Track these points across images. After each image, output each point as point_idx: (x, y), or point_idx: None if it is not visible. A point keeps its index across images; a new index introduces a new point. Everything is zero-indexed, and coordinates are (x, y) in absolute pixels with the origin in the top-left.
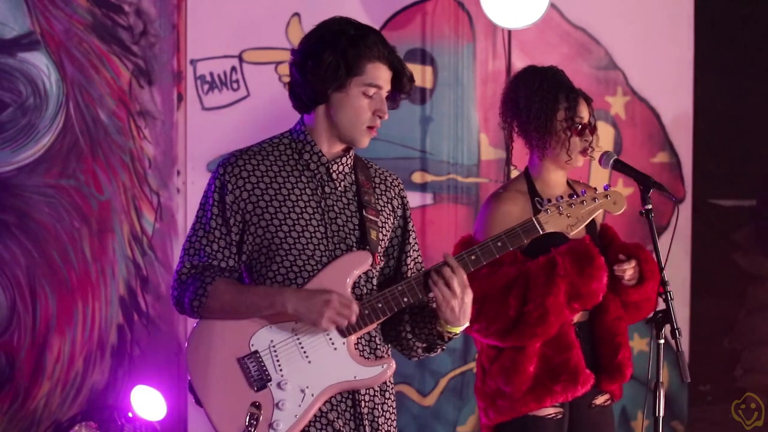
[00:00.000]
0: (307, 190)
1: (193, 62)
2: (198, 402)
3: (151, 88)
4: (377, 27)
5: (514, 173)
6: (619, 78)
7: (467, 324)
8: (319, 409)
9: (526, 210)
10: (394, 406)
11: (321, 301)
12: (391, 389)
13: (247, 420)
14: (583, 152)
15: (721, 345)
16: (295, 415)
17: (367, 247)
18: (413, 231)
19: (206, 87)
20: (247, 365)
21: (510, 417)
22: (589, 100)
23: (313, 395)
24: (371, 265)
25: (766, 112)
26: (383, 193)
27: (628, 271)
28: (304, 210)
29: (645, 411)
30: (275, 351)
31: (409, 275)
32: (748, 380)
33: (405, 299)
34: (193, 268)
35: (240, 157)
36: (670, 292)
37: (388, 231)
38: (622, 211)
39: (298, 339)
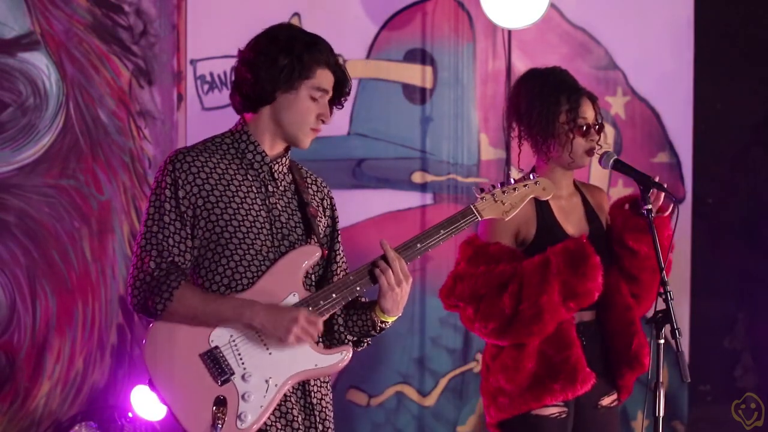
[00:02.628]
0: (252, 188)
1: (193, 62)
2: (161, 400)
3: (151, 88)
4: (377, 27)
5: (514, 173)
6: (619, 78)
7: (400, 315)
8: None
9: (529, 209)
10: (332, 398)
11: (289, 318)
12: (330, 381)
13: (214, 414)
14: (589, 152)
15: (721, 345)
16: (261, 406)
17: (313, 242)
18: (339, 232)
19: (206, 87)
20: (209, 360)
21: (510, 414)
22: (593, 99)
23: (276, 385)
24: (321, 258)
25: (766, 113)
26: (316, 193)
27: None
28: (251, 207)
29: (645, 411)
30: (236, 345)
31: (338, 273)
32: (748, 380)
33: (357, 288)
34: (158, 268)
35: (188, 154)
36: (670, 292)
37: (324, 229)
38: (550, 196)
39: (258, 332)
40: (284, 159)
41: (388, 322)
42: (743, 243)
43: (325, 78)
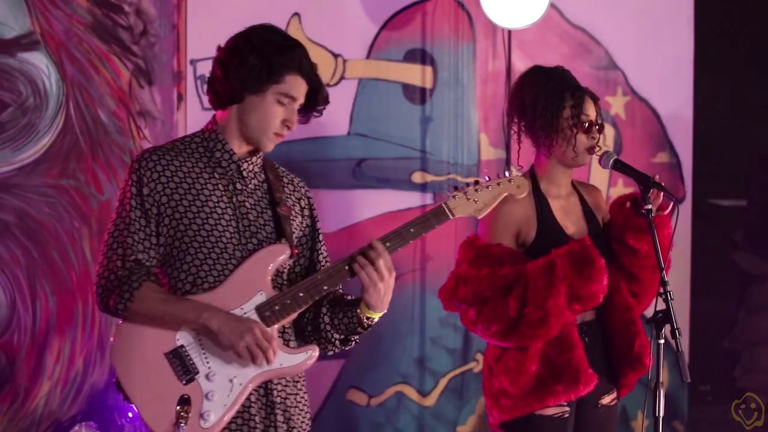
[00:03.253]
0: (219, 186)
1: (193, 62)
2: (126, 399)
3: (151, 88)
4: (377, 27)
5: (515, 173)
6: (619, 78)
7: (386, 310)
8: None
9: (529, 209)
10: (306, 399)
11: (245, 327)
12: (303, 381)
13: (178, 413)
14: (590, 150)
15: (721, 345)
16: (225, 405)
17: (283, 240)
18: (320, 231)
19: (206, 87)
20: (174, 359)
21: (513, 416)
22: (595, 99)
23: (241, 384)
24: (290, 256)
25: (766, 112)
26: (292, 192)
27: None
28: (216, 205)
29: (645, 411)
30: (201, 344)
31: None
32: (748, 380)
33: (324, 287)
34: (122, 267)
35: (154, 153)
36: (670, 292)
37: (297, 228)
38: (524, 194)
39: (213, 334)
40: (255, 158)
41: (373, 318)
42: (743, 243)
43: (294, 84)
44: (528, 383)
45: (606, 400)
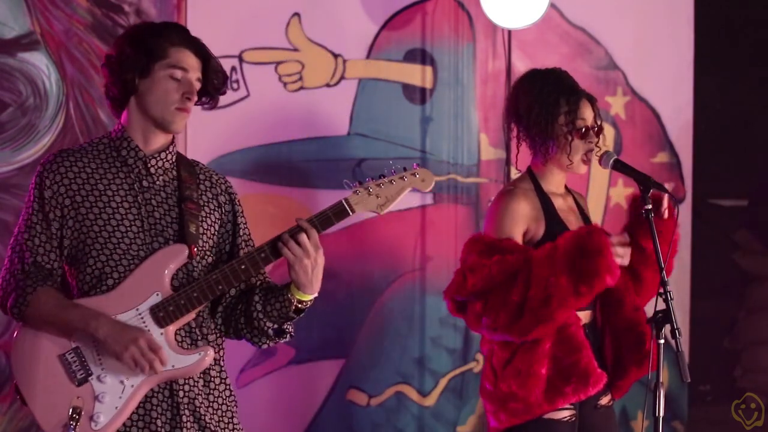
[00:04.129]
0: (123, 185)
1: None
2: (23, 402)
3: None
4: (377, 27)
5: (514, 173)
6: (619, 78)
7: (316, 294)
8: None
9: (536, 205)
10: (226, 396)
11: (130, 336)
12: (219, 380)
13: (70, 415)
14: (587, 155)
15: (721, 345)
16: (116, 407)
17: (185, 240)
18: (245, 225)
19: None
20: (68, 361)
21: (523, 420)
22: (593, 101)
23: (132, 386)
24: (188, 258)
25: (766, 112)
26: (208, 189)
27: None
28: (119, 205)
29: (645, 411)
30: (96, 345)
31: None
32: (748, 380)
33: (219, 287)
34: (21, 270)
35: (58, 155)
36: (670, 292)
37: (213, 225)
38: (430, 188)
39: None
40: (165, 154)
41: (306, 302)
42: (743, 243)
43: (180, 56)
44: (539, 386)
45: (604, 400)
